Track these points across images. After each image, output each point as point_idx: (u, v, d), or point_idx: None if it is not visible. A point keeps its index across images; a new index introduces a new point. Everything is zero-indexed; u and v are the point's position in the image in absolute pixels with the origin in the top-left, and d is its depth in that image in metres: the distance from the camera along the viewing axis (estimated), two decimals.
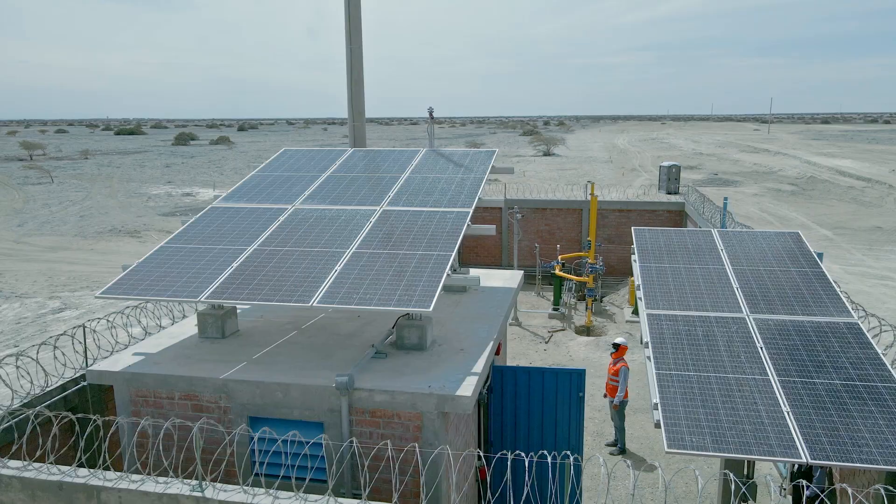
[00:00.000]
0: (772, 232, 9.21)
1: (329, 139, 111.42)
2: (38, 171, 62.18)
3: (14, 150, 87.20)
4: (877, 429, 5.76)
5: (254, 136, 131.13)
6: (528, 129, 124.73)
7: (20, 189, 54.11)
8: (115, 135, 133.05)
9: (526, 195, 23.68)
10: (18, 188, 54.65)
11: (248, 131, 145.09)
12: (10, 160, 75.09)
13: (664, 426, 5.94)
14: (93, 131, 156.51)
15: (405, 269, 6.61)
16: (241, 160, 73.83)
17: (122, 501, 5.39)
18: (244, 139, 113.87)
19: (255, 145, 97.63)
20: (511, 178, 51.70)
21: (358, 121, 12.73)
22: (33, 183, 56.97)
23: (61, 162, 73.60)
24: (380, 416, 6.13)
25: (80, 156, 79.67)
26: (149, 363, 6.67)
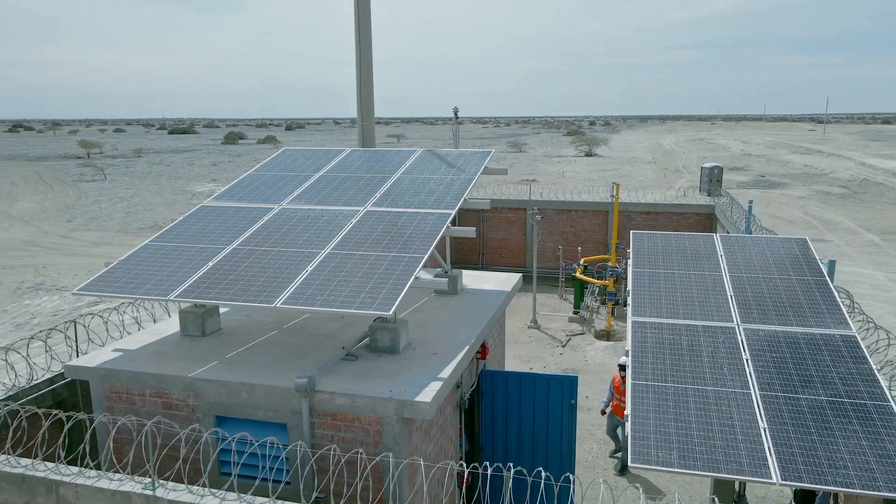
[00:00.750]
0: (778, 237, 8.79)
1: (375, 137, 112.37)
2: (93, 168, 64.59)
3: (73, 149, 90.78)
4: (858, 450, 5.42)
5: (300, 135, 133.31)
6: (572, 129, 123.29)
7: (75, 186, 56.28)
8: (169, 134, 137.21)
9: (552, 196, 23.34)
10: (73, 185, 56.85)
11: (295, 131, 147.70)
12: (70, 158, 78.22)
13: (631, 439, 5.71)
14: (148, 131, 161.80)
15: (375, 270, 6.54)
16: None
17: (78, 496, 5.47)
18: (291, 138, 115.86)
19: (301, 144, 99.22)
20: (548, 178, 51.17)
21: (367, 120, 12.73)
22: (88, 180, 59.17)
23: (116, 160, 76.24)
24: (340, 420, 6.08)
25: (134, 154, 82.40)
26: (124, 360, 6.77)
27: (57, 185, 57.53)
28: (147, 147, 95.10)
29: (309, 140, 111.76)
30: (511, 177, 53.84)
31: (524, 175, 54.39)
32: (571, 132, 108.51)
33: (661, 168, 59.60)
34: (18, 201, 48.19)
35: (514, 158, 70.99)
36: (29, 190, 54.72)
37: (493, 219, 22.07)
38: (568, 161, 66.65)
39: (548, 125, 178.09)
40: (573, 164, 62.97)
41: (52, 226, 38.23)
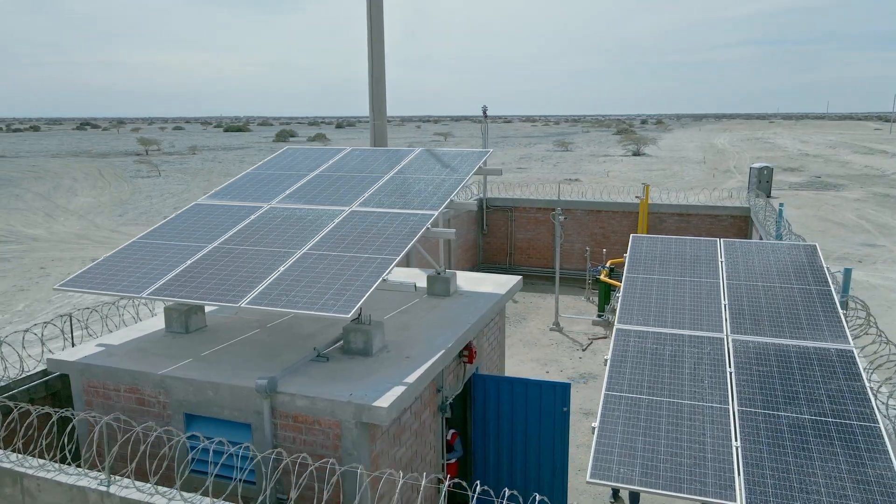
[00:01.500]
0: (785, 244, 8.34)
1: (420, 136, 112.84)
2: (149, 165, 66.89)
3: (133, 146, 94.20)
4: (835, 474, 5.06)
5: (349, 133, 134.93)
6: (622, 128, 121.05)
7: (130, 182, 58.36)
8: (224, 132, 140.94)
9: (582, 196, 22.90)
10: (129, 181, 58.97)
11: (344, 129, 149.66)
12: (129, 155, 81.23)
13: (593, 453, 5.48)
14: (205, 128, 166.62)
15: (345, 272, 6.47)
16: None
17: (40, 489, 5.59)
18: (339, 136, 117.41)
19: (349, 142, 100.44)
20: (592, 178, 50.34)
21: (379, 119, 12.71)
22: (143, 176, 61.28)
23: (172, 157, 78.72)
24: (301, 422, 6.03)
25: (189, 151, 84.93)
26: (104, 355, 6.90)
27: (114, 181, 59.72)
28: (202, 144, 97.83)
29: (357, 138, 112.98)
30: (553, 176, 53.17)
31: (567, 175, 53.65)
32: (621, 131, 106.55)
33: (711, 168, 57.89)
34: (77, 196, 50.23)
35: (560, 157, 70.18)
36: (88, 185, 56.96)
37: (520, 219, 21.79)
38: (614, 160, 65.45)
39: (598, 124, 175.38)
40: (619, 164, 61.80)
41: (104, 220, 39.70)
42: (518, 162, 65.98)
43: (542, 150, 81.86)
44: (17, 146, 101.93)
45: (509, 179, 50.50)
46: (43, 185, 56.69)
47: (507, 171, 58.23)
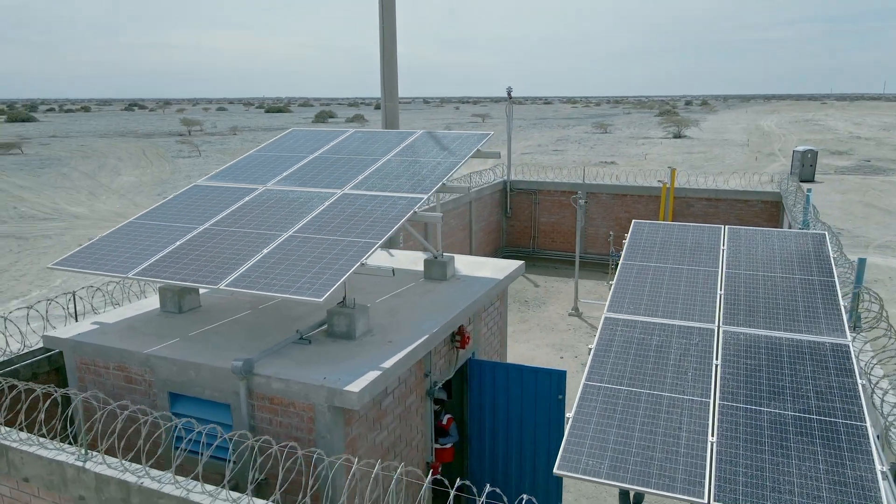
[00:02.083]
0: (792, 232, 8.00)
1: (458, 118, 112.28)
2: (190, 145, 68.20)
3: (176, 127, 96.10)
4: (812, 473, 4.85)
5: None
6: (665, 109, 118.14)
7: (171, 161, 59.63)
8: (265, 112, 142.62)
9: (607, 180, 22.45)
10: (171, 160, 60.26)
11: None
12: (172, 135, 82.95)
13: (564, 444, 5.38)
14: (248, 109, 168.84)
15: (325, 255, 6.45)
16: None
17: (23, 462, 5.77)
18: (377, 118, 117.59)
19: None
20: (629, 160, 49.37)
21: (390, 101, 12.63)
22: (184, 156, 62.52)
23: (213, 137, 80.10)
24: (277, 404, 6.07)
25: (230, 132, 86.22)
26: (96, 332, 7.06)
27: (156, 161, 61.09)
28: (242, 125, 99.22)
29: None
30: (589, 158, 52.32)
31: (604, 157, 52.72)
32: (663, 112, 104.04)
33: (754, 151, 56.17)
34: (121, 175, 51.56)
35: (597, 140, 69.00)
36: (132, 165, 58.40)
37: (545, 202, 21.50)
38: (653, 143, 64.03)
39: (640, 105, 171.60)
40: (658, 147, 60.43)
41: (143, 199, 40.69)
42: (555, 144, 65.11)
43: (580, 132, 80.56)
44: (68, 126, 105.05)
45: (543, 161, 49.90)
46: (89, 164, 58.31)
47: (542, 153, 57.52)
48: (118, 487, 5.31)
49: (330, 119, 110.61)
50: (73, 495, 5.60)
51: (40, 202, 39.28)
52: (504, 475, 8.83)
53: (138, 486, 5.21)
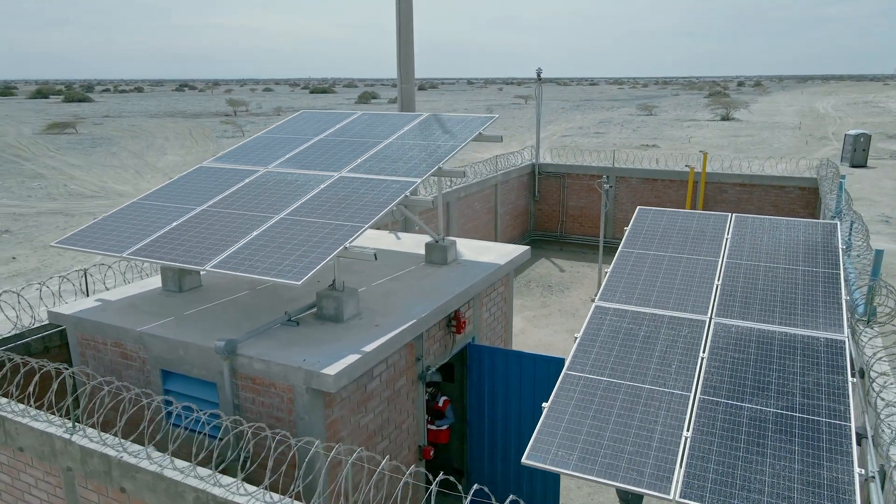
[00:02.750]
0: (802, 221, 7.68)
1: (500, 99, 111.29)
2: (233, 126, 69.38)
3: (223, 107, 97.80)
4: (785, 473, 4.69)
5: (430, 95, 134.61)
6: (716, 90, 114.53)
7: (216, 141, 60.80)
8: (310, 93, 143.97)
9: (638, 164, 21.94)
10: (215, 140, 61.45)
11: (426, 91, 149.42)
12: (219, 115, 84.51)
13: (536, 433, 5.32)
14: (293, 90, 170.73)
15: (311, 238, 6.49)
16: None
17: (18, 432, 6.01)
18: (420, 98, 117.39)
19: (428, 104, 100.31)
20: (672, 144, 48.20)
21: (406, 83, 12.57)
22: (228, 136, 63.67)
23: (257, 118, 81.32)
24: (260, 384, 6.17)
25: (274, 112, 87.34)
26: (97, 309, 7.27)
27: (201, 141, 62.37)
28: (287, 106, 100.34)
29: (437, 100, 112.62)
30: (631, 141, 51.26)
31: (646, 140, 51.56)
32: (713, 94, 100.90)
33: (806, 135, 54.12)
34: (166, 154, 52.85)
35: (641, 122, 67.47)
36: (177, 145, 59.77)
37: (573, 185, 21.18)
38: (699, 125, 62.29)
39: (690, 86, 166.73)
40: (704, 129, 58.78)
41: None
42: (596, 126, 63.96)
43: (624, 114, 78.88)
44: (121, 107, 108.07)
45: (583, 144, 49.11)
46: (138, 143, 59.88)
47: (584, 135, 56.59)
48: (100, 460, 5.50)
49: (372, 100, 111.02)
50: (62, 466, 5.82)
51: (89, 180, 40.58)
52: (503, 459, 8.82)
53: (118, 460, 5.38)
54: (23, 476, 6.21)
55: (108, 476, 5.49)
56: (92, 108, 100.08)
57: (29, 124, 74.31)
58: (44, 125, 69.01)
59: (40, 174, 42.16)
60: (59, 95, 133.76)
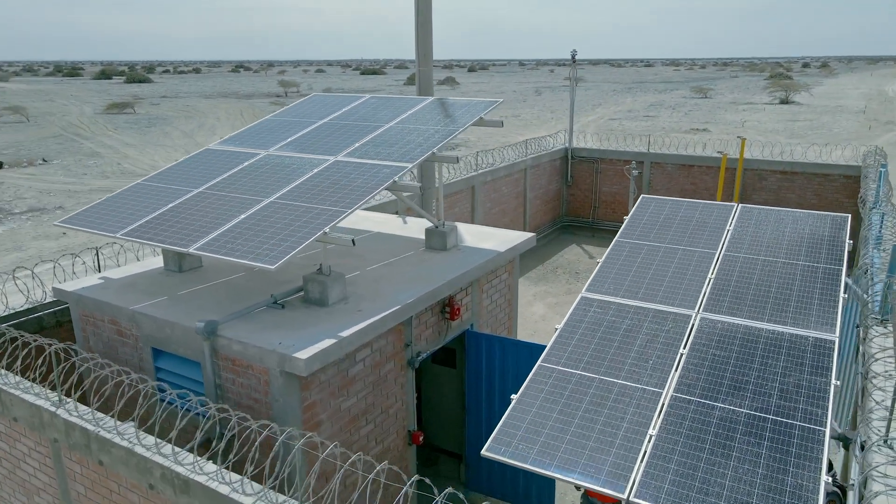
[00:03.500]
0: (811, 213, 7.30)
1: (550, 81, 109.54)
2: (282, 107, 70.43)
3: (274, 88, 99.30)
4: (748, 478, 4.51)
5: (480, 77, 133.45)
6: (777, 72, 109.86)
7: None
8: (360, 75, 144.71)
9: (673, 150, 21.29)
10: None
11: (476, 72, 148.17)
12: (270, 96, 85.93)
13: (500, 425, 5.26)
14: (344, 72, 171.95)
15: (295, 222, 6.53)
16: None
17: (12, 403, 6.29)
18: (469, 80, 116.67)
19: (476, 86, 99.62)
20: (724, 128, 46.63)
21: (424, 65, 12.47)
22: None
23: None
24: (239, 366, 6.27)
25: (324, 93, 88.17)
26: (97, 287, 7.51)
27: (251, 121, 63.53)
28: (337, 87, 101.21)
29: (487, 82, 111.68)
30: (682, 125, 49.83)
31: (697, 124, 50.02)
32: (774, 76, 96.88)
33: (870, 119, 51.53)
34: (216, 135, 54.09)
35: (694, 105, 65.45)
36: (228, 125, 61.08)
37: (607, 171, 20.73)
38: (755, 109, 60.02)
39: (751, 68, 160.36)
40: (760, 113, 56.61)
41: None
42: (647, 110, 62.37)
43: (678, 96, 76.61)
44: (178, 87, 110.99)
45: (630, 128, 47.99)
46: (190, 124, 61.43)
47: (632, 118, 55.30)
48: (81, 434, 5.70)
49: None
50: (50, 437, 6.06)
51: (141, 159, 41.91)
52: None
53: (95, 435, 5.57)
54: (18, 445, 6.51)
55: (89, 449, 5.69)
56: (151, 89, 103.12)
57: (91, 104, 77.12)
58: (104, 105, 71.47)
59: (97, 153, 43.74)
60: (122, 76, 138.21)
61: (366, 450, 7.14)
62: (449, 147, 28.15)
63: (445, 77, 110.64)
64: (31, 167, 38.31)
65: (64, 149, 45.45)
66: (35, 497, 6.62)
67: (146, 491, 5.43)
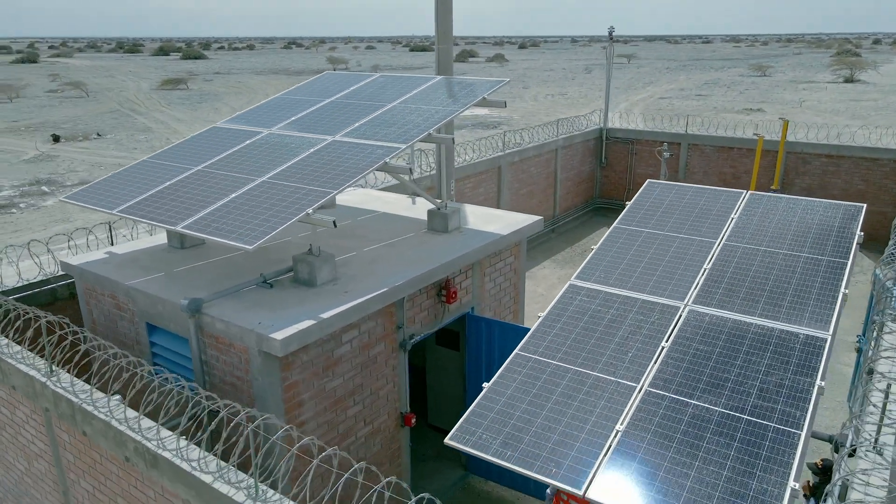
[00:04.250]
0: (823, 202, 6.89)
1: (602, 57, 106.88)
2: None
3: (324, 65, 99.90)
4: (711, 480, 4.32)
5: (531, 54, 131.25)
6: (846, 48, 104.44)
7: None
8: (410, 51, 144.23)
9: (713, 131, 20.50)
10: None
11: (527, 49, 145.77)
12: (319, 72, 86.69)
13: (467, 413, 5.18)
14: (394, 48, 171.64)
15: (281, 202, 6.52)
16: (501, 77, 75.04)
17: (10, 372, 6.53)
18: (519, 57, 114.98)
19: (526, 63, 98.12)
20: (780, 108, 44.77)
21: (443, 43, 12.26)
22: None
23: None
24: (222, 343, 6.34)
25: (371, 69, 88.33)
26: (100, 262, 7.70)
27: None
28: (385, 64, 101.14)
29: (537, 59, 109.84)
30: (735, 105, 48.05)
31: (751, 104, 48.12)
32: (841, 52, 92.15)
33: None
34: None
35: (751, 83, 62.92)
36: None
37: (642, 152, 20.13)
38: (817, 88, 57.32)
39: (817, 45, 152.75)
40: (821, 93, 54.04)
41: None
42: (700, 88, 60.30)
43: (734, 74, 73.77)
44: (231, 64, 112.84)
45: (680, 107, 46.51)
46: (240, 100, 62.44)
47: (684, 97, 53.59)
48: (67, 405, 5.88)
49: (470, 58, 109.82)
50: (42, 406, 6.28)
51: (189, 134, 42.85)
52: None
53: (79, 406, 5.74)
54: (17, 412, 6.78)
55: (74, 419, 5.87)
56: (205, 65, 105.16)
57: (148, 80, 79.19)
58: (160, 81, 73.26)
59: (149, 128, 44.95)
60: (179, 53, 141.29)
61: (354, 430, 7.16)
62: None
63: (495, 54, 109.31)
64: (86, 141, 39.64)
65: (118, 124, 46.83)
66: (34, 462, 6.89)
67: (123, 463, 5.58)
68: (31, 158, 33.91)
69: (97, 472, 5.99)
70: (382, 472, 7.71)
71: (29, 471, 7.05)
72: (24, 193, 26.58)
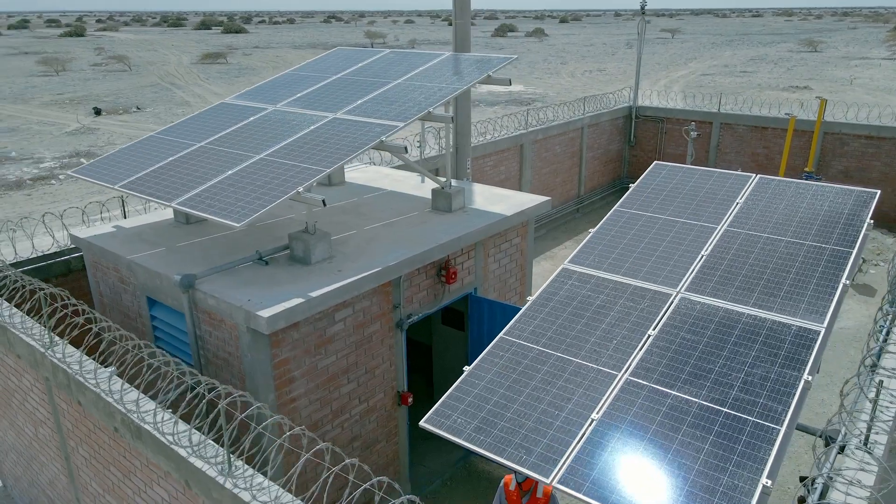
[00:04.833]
0: (834, 188, 6.58)
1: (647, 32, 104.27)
2: None
3: (361, 39, 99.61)
4: (682, 472, 4.22)
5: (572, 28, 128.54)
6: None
7: None
8: (448, 25, 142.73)
9: (746, 110, 19.80)
10: None
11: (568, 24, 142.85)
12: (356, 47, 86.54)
13: (445, 397, 5.15)
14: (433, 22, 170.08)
15: (275, 180, 6.52)
16: (540, 53, 73.76)
17: (15, 342, 6.73)
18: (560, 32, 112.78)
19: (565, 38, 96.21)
20: (829, 86, 43.04)
21: (461, 18, 12.06)
22: None
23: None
24: (214, 319, 6.42)
25: (409, 45, 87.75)
26: (107, 235, 7.85)
27: None
28: (422, 38, 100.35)
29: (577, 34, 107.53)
30: (781, 82, 46.39)
31: (798, 81, 46.37)
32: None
33: None
34: None
35: (800, 59, 60.58)
36: None
37: (672, 131, 19.60)
38: (870, 65, 54.89)
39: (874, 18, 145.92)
40: (873, 70, 51.76)
41: None
42: (745, 65, 58.32)
43: (783, 50, 71.07)
44: (270, 38, 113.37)
45: (722, 84, 45.09)
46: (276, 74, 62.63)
47: (727, 74, 51.93)
48: (64, 375, 6.05)
49: (509, 33, 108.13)
50: (43, 375, 6.48)
51: None
52: None
53: (74, 377, 5.89)
54: (23, 379, 7.01)
55: (70, 390, 6.04)
56: (245, 39, 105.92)
57: (189, 54, 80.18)
58: (200, 55, 74.07)
59: (186, 101, 45.57)
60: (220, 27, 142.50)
61: (348, 408, 7.22)
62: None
63: (534, 28, 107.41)
64: (126, 115, 40.42)
65: (158, 97, 47.59)
66: (40, 428, 7.14)
67: (112, 433, 5.72)
68: (73, 131, 34.77)
69: (92, 441, 6.17)
70: (378, 450, 7.77)
71: (36, 436, 7.31)
72: (64, 165, 27.28)
